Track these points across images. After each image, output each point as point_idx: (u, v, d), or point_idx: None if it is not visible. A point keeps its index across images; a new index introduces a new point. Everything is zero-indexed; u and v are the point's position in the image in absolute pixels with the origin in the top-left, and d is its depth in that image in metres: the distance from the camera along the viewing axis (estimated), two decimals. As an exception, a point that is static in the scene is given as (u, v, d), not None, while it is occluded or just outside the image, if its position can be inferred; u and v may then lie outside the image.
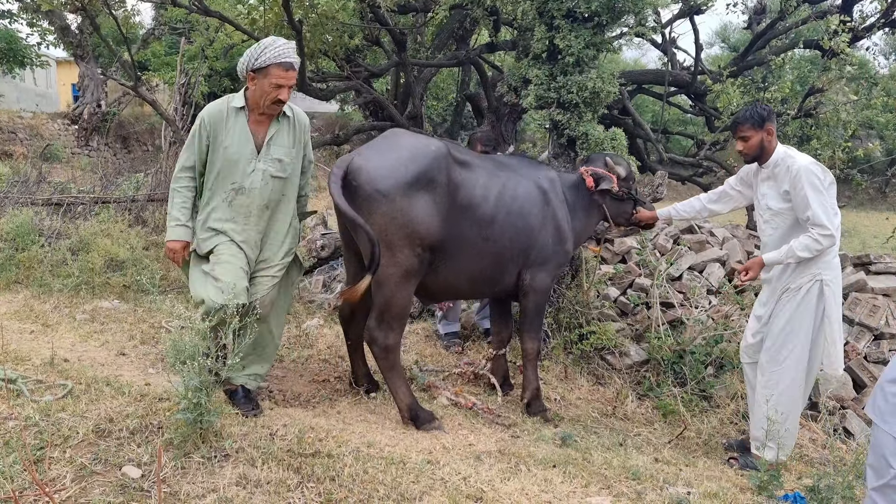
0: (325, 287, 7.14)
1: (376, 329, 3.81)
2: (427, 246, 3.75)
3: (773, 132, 3.88)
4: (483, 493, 2.94)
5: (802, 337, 3.82)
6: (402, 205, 3.63)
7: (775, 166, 3.86)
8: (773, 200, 3.87)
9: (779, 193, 3.84)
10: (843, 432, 4.74)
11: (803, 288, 3.79)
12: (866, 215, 20.34)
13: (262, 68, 3.54)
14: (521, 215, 4.15)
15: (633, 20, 5.74)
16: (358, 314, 4.22)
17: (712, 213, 4.45)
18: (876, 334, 5.41)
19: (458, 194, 3.87)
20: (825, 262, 3.78)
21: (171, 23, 17.95)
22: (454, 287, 4.21)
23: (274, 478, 2.80)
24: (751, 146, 3.89)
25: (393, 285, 3.72)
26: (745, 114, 3.90)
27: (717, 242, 6.64)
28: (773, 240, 3.92)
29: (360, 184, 3.64)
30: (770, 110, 3.90)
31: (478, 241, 3.99)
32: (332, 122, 21.65)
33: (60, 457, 2.77)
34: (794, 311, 3.81)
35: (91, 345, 4.68)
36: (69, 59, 20.91)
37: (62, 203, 7.35)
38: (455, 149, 4.06)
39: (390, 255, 3.66)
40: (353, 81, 8.50)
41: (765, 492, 3.35)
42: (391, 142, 3.86)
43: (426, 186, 3.70)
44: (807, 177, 3.67)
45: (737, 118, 3.95)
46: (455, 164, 3.90)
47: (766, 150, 3.88)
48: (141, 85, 8.75)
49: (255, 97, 3.63)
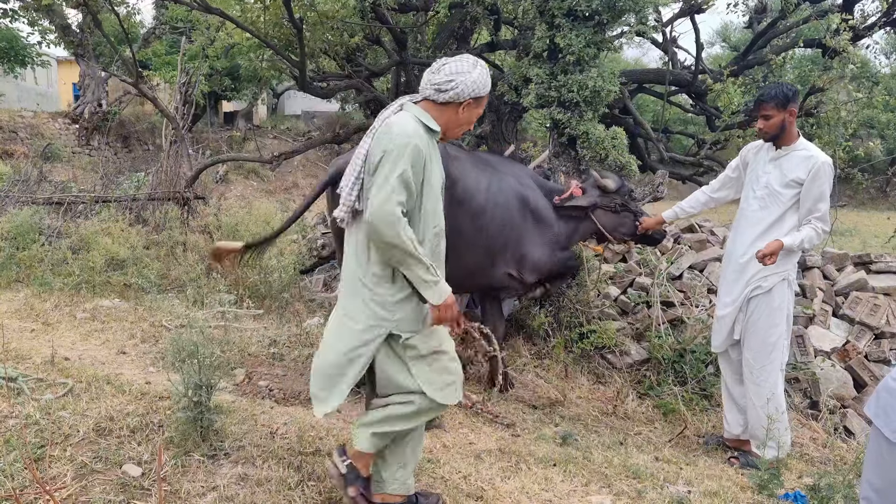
0: (325, 286, 7.14)
1: None
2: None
3: (795, 114, 3.87)
4: (483, 492, 2.94)
5: (784, 333, 3.93)
6: None
7: (792, 150, 3.86)
8: (777, 182, 3.87)
9: (787, 177, 3.83)
10: (843, 431, 4.73)
11: (774, 288, 3.86)
12: (867, 215, 20.32)
13: (481, 97, 2.77)
14: (507, 207, 4.23)
15: (634, 19, 5.74)
16: None
17: (718, 202, 4.42)
18: (876, 333, 5.41)
19: (456, 188, 3.89)
20: (792, 261, 3.91)
21: (172, 22, 17.95)
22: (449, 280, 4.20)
23: (274, 476, 2.80)
24: (772, 125, 3.85)
25: None
26: (770, 92, 3.86)
27: (718, 241, 6.64)
28: (757, 217, 3.93)
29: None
30: (795, 91, 3.87)
31: (471, 233, 4.01)
32: (333, 120, 21.66)
33: (61, 455, 2.77)
34: (771, 311, 3.88)
35: (91, 343, 4.68)
36: (70, 58, 20.93)
37: (63, 202, 7.35)
38: (448, 144, 4.08)
39: None
40: (354, 80, 8.50)
41: (765, 490, 3.35)
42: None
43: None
44: (828, 174, 3.74)
45: (761, 95, 3.90)
46: (450, 159, 3.92)
47: (785, 132, 3.86)
48: (142, 82, 8.75)
49: (449, 125, 2.80)
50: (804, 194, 3.78)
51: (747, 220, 3.99)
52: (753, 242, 3.89)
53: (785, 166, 3.85)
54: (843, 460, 4.15)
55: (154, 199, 7.85)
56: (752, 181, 4.03)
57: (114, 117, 18.04)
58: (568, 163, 5.73)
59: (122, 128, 18.69)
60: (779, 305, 3.88)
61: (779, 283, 3.86)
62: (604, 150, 5.48)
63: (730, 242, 4.13)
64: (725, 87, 7.14)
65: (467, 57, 2.76)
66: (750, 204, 4.00)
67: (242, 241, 3.48)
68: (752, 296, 3.91)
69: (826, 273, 6.05)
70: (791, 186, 3.81)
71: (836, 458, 4.22)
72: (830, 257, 6.15)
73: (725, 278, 4.11)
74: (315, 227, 8.95)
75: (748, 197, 4.04)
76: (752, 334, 3.93)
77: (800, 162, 3.80)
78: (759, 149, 4.08)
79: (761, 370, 3.90)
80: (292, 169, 19.17)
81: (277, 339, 5.16)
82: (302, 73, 7.40)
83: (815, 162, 3.75)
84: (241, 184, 17.40)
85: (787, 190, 3.82)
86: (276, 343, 5.09)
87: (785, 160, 3.87)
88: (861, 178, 7.85)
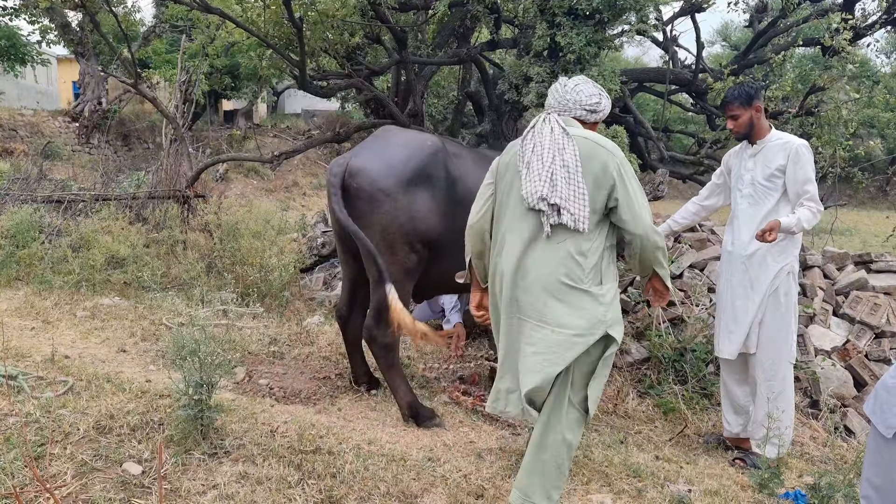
0: (325, 284, 7.14)
1: (375, 328, 3.81)
2: (426, 242, 3.75)
3: (762, 109, 3.98)
4: (484, 491, 2.94)
5: (792, 329, 3.96)
6: (404, 202, 3.63)
7: (767, 142, 3.94)
8: (761, 175, 3.92)
9: (768, 169, 3.89)
10: (843, 430, 4.73)
11: (780, 287, 3.88)
12: (867, 214, 20.34)
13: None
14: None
15: (635, 18, 5.74)
16: (355, 313, 4.22)
17: (709, 210, 4.46)
18: (877, 332, 5.41)
19: (457, 187, 3.87)
20: (794, 254, 3.92)
21: (172, 20, 17.93)
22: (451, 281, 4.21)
23: (275, 475, 2.80)
24: (740, 124, 3.97)
25: (393, 283, 3.72)
26: (733, 93, 3.99)
27: (718, 240, 6.63)
28: (748, 215, 3.97)
29: (361, 185, 3.62)
30: (758, 88, 3.99)
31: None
32: (333, 119, 21.64)
33: (61, 453, 2.77)
34: (777, 307, 3.89)
35: (92, 341, 4.69)
36: (70, 56, 20.91)
37: (63, 200, 7.34)
38: (448, 142, 4.07)
39: (391, 254, 3.66)
40: (354, 79, 8.49)
41: (766, 489, 3.35)
42: (385, 140, 3.85)
43: (425, 182, 3.71)
44: (806, 155, 3.82)
45: (725, 97, 4.05)
46: (451, 157, 3.90)
47: (755, 127, 3.97)
48: (141, 82, 8.73)
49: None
50: (789, 179, 3.83)
51: (740, 220, 4.03)
52: (749, 239, 3.91)
53: (764, 159, 3.92)
54: (843, 459, 4.15)
55: (154, 198, 7.85)
56: (737, 182, 4.09)
57: (114, 115, 18.03)
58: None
59: (122, 126, 18.68)
60: (785, 302, 3.89)
61: (784, 277, 3.88)
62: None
63: (727, 245, 4.12)
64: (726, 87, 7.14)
65: (586, 78, 3.01)
66: (739, 203, 4.05)
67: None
68: (762, 302, 3.91)
69: (826, 272, 6.04)
70: (776, 176, 3.87)
71: (836, 457, 4.22)
72: (831, 256, 6.15)
73: (731, 281, 4.07)
74: (315, 225, 8.96)
75: (736, 198, 4.10)
76: (762, 331, 3.94)
77: (778, 150, 3.88)
78: (737, 151, 4.17)
79: (772, 365, 3.90)
80: (292, 168, 19.16)
81: (278, 338, 5.16)
82: (302, 72, 7.39)
83: (792, 146, 3.83)
84: (241, 182, 17.40)
85: (772, 181, 3.88)
86: (277, 341, 5.10)
87: (763, 153, 3.94)
88: (861, 177, 7.85)
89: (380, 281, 3.58)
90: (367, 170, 3.64)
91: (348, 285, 4.23)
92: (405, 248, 3.69)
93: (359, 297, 4.19)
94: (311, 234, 8.61)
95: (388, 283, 3.51)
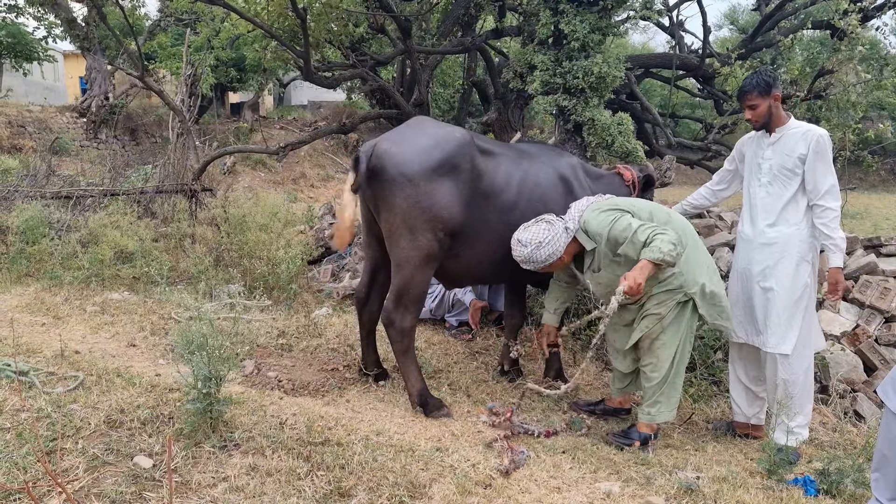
0: (333, 276, 7.16)
1: (394, 311, 3.84)
2: (448, 231, 3.78)
3: (780, 98, 3.92)
4: (492, 480, 2.95)
5: (814, 318, 3.98)
6: (426, 189, 3.67)
7: (786, 130, 3.88)
8: (780, 164, 3.87)
9: (789, 158, 3.83)
10: (853, 415, 4.72)
11: (800, 276, 3.85)
12: (878, 197, 20.19)
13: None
14: (543, 202, 4.16)
15: (639, 3, 5.71)
16: (374, 297, 4.25)
17: (722, 197, 4.45)
18: (887, 317, 5.37)
19: (482, 181, 3.90)
20: (814, 245, 3.89)
21: (177, 14, 17.92)
22: (476, 272, 4.23)
23: (284, 466, 2.82)
24: (759, 114, 3.91)
25: (413, 268, 3.76)
26: (750, 82, 3.91)
27: (726, 227, 6.60)
28: (767, 203, 3.93)
29: (385, 167, 3.67)
30: (775, 76, 3.91)
31: (500, 227, 4.00)
32: (339, 110, 21.64)
33: (72, 448, 2.79)
34: (805, 301, 3.88)
35: (101, 336, 4.72)
36: (76, 51, 20.94)
37: (71, 196, 7.38)
38: (478, 137, 4.10)
39: (412, 239, 3.70)
40: (359, 69, 8.47)
41: (774, 475, 3.35)
42: (417, 129, 3.92)
43: (450, 172, 3.74)
44: (828, 145, 3.78)
45: (743, 87, 3.96)
46: (478, 153, 3.93)
47: (774, 117, 3.91)
48: (148, 75, 8.75)
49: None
50: (808, 170, 3.78)
51: (757, 210, 3.98)
52: (769, 227, 3.89)
53: (784, 147, 3.87)
54: (852, 444, 4.14)
55: (162, 192, 7.88)
56: (754, 171, 4.03)
57: (121, 110, 18.09)
58: (574, 149, 5.70)
59: (129, 120, 18.73)
60: (807, 292, 3.88)
61: (805, 266, 3.86)
62: (610, 136, 5.44)
63: (744, 233, 4.06)
64: (733, 71, 7.09)
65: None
66: (757, 192, 3.99)
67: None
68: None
69: (836, 257, 6.01)
70: (796, 165, 3.82)
71: (845, 442, 4.21)
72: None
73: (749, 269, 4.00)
74: (322, 217, 8.97)
75: (753, 186, 4.03)
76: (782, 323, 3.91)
77: (799, 139, 3.82)
78: (753, 139, 4.10)
79: (796, 357, 3.86)
80: (299, 159, 19.16)
81: (286, 330, 5.18)
82: (307, 64, 7.37)
83: (813, 135, 3.78)
84: (248, 175, 17.42)
85: (792, 170, 3.83)
86: (285, 334, 5.12)
87: (782, 142, 3.88)
88: (871, 160, 7.78)
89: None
90: (392, 153, 3.69)
91: (369, 269, 4.27)
92: (427, 234, 3.72)
93: (379, 282, 4.24)
94: (318, 225, 8.62)
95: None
